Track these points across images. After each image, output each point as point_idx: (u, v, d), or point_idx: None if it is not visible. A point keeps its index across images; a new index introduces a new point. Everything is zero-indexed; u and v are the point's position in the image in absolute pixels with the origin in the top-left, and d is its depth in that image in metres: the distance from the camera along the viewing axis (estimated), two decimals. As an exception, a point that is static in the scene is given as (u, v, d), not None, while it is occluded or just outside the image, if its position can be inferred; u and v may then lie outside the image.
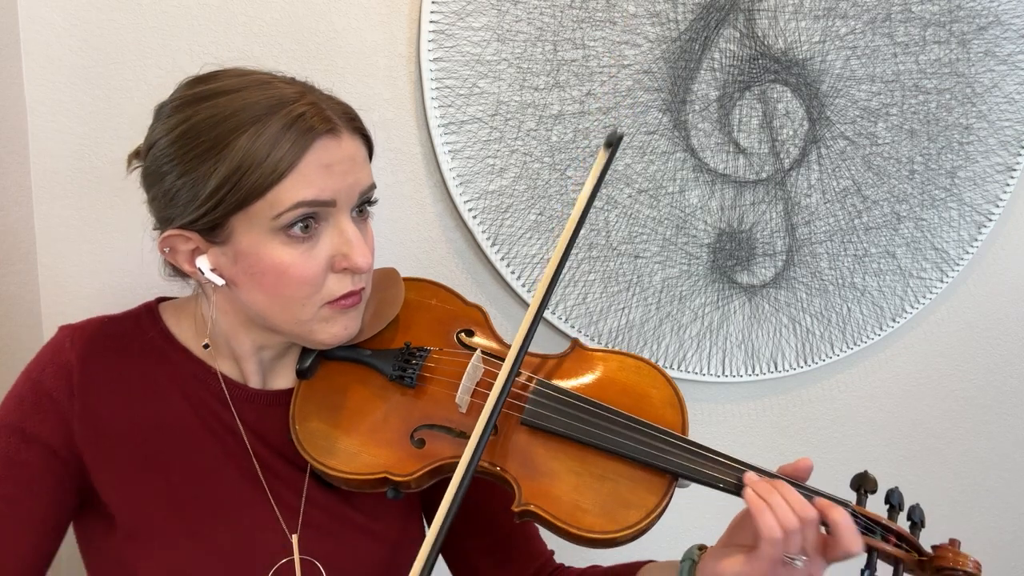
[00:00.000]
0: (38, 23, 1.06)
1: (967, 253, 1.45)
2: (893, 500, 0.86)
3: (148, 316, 0.92)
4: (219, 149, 0.78)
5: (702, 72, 1.26)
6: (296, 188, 0.79)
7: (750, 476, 0.82)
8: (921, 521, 0.86)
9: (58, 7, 1.05)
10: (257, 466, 0.89)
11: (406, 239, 1.24)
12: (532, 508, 0.82)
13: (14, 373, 0.88)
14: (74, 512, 0.87)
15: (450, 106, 1.18)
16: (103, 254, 1.14)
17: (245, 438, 0.90)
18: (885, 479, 1.57)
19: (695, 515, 1.44)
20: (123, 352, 0.89)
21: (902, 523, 0.85)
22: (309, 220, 0.81)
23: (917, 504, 0.87)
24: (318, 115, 0.80)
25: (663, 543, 0.86)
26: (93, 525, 0.88)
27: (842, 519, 0.79)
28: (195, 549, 0.86)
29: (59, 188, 1.11)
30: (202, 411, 0.89)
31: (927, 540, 0.84)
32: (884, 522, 0.83)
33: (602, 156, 0.91)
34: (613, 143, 0.92)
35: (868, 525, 0.83)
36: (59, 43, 1.06)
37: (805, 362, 1.43)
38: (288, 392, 0.92)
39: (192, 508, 0.87)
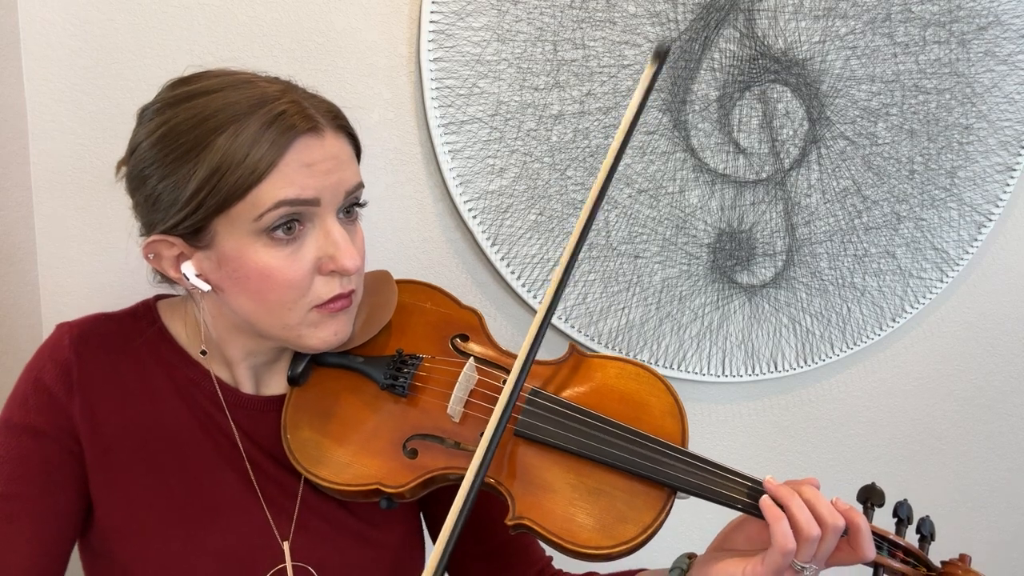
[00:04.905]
0: (38, 23, 1.06)
1: (967, 253, 1.44)
2: (901, 513, 0.83)
3: (146, 314, 0.92)
4: (199, 150, 0.77)
5: (702, 72, 1.26)
6: (277, 187, 0.77)
7: (770, 481, 0.79)
8: (931, 535, 0.83)
9: (58, 7, 1.05)
10: (251, 470, 0.89)
11: (406, 239, 1.24)
12: (526, 522, 0.81)
13: (14, 373, 0.88)
14: (88, 503, 0.86)
15: (450, 106, 1.18)
16: (103, 254, 1.14)
17: (239, 442, 0.89)
18: (885, 478, 1.58)
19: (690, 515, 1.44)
20: (121, 351, 0.88)
21: (911, 537, 0.82)
22: (293, 221, 0.79)
23: (927, 517, 0.84)
24: (299, 113, 0.79)
25: (658, 546, 0.84)
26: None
27: (863, 524, 0.76)
28: (189, 551, 0.85)
29: (59, 188, 1.11)
30: (198, 413, 0.89)
31: (937, 552, 0.81)
32: (892, 537, 0.81)
33: (649, 70, 0.83)
34: (662, 54, 0.84)
35: (875, 541, 0.79)
36: (59, 43, 1.06)
37: (805, 362, 1.43)
38: (281, 398, 0.91)
39: (186, 510, 0.86)
